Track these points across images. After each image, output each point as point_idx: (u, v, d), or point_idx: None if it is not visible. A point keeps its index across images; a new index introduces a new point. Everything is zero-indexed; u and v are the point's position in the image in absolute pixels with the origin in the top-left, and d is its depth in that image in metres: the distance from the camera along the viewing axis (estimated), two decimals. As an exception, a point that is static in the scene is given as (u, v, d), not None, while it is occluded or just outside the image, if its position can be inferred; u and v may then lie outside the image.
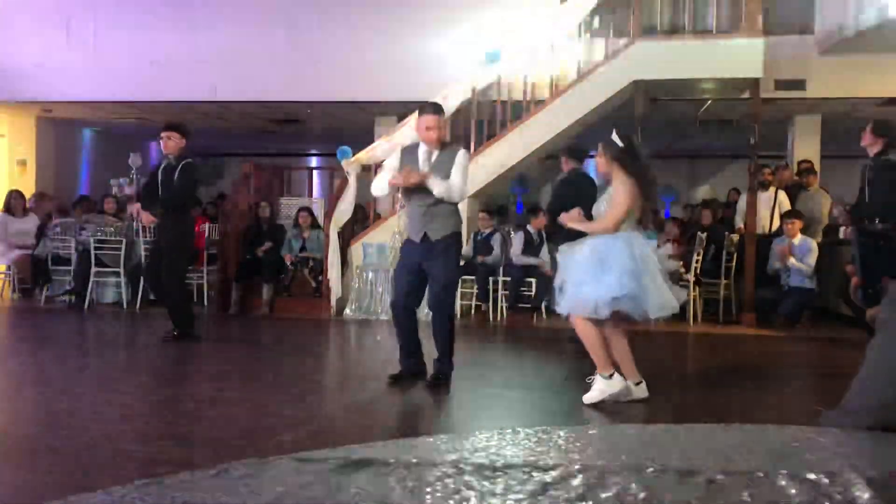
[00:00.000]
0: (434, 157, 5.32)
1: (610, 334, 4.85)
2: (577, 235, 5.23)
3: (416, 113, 5.45)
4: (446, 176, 5.28)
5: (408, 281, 5.41)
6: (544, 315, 9.18)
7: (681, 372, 6.78)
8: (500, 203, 13.35)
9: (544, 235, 9.36)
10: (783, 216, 9.37)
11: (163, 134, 7.27)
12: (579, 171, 7.53)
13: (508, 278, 9.40)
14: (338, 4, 10.70)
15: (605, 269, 4.70)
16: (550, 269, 8.15)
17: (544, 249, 9.27)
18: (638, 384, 4.89)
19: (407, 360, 5.49)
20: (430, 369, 5.51)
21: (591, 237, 4.89)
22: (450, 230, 5.36)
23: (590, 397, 4.79)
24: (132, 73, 10.88)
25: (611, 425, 4.32)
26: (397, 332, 5.51)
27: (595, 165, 5.10)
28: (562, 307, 4.92)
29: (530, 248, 9.58)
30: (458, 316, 9.29)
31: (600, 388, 4.80)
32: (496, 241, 9.69)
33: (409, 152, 5.45)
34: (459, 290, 9.52)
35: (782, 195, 9.88)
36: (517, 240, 9.65)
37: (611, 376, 4.80)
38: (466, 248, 9.24)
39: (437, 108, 5.37)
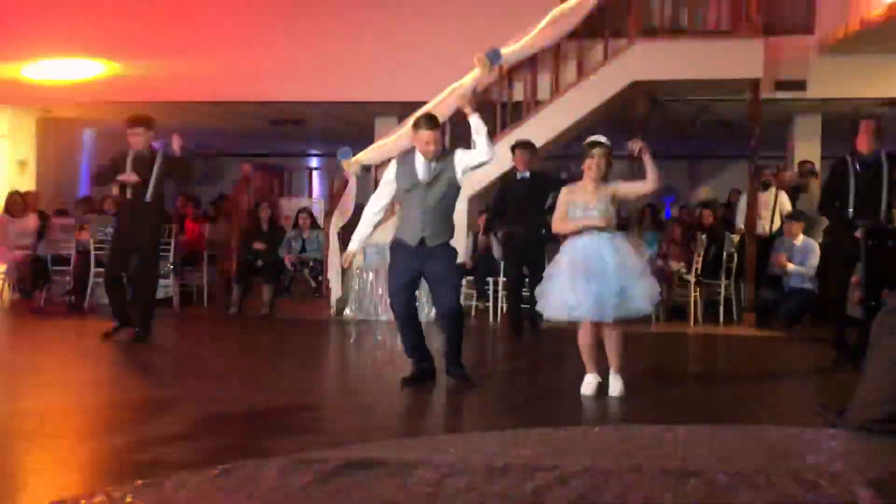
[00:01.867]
0: (433, 167, 5.34)
1: (606, 331, 5.07)
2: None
3: (412, 125, 5.46)
4: (447, 184, 5.36)
5: (408, 288, 5.40)
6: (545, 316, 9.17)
7: (681, 372, 6.77)
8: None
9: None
10: (785, 217, 9.37)
11: (131, 130, 7.03)
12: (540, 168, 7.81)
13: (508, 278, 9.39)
14: (338, 4, 10.70)
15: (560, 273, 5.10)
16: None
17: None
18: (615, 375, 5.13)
19: (421, 364, 5.47)
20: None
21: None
22: (446, 238, 5.40)
23: (619, 392, 5.08)
24: (132, 74, 10.87)
25: (611, 426, 4.32)
26: (406, 337, 5.46)
27: (592, 165, 5.16)
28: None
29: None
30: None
31: (622, 383, 5.13)
32: (495, 242, 9.68)
33: (405, 161, 5.44)
34: (461, 290, 9.53)
35: (783, 196, 9.88)
36: None
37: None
38: (465, 248, 9.25)
39: (432, 123, 5.35)
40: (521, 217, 7.81)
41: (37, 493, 3.02)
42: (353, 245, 5.59)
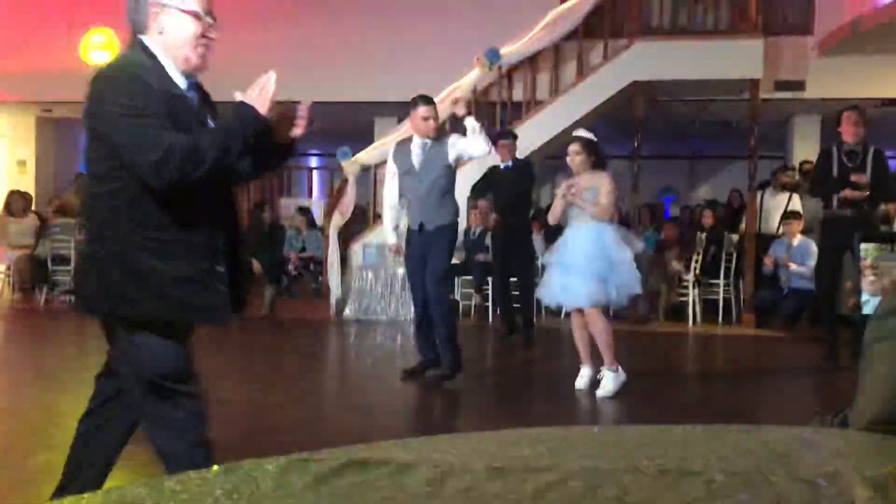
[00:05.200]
0: (429, 149, 5.42)
1: (589, 322, 5.18)
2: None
3: (411, 105, 5.59)
4: (440, 169, 5.43)
5: (416, 271, 5.50)
6: (543, 314, 9.18)
7: (681, 372, 6.78)
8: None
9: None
10: (783, 217, 9.36)
11: None
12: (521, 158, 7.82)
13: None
14: (338, 4, 10.70)
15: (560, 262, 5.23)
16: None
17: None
18: (615, 371, 5.19)
19: (427, 355, 5.55)
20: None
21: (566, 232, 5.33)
22: (445, 220, 5.45)
23: (604, 392, 5.09)
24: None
25: (610, 425, 4.33)
26: (422, 327, 5.54)
27: (569, 161, 5.30)
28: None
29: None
30: (458, 316, 9.29)
31: (613, 382, 5.11)
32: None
33: (402, 146, 5.61)
34: (459, 289, 9.53)
35: (795, 198, 9.80)
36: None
37: (617, 370, 5.13)
38: (460, 245, 9.25)
39: (428, 99, 5.56)
40: (505, 208, 7.70)
41: (37, 493, 3.02)
42: (391, 238, 5.73)
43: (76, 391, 5.19)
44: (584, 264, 5.05)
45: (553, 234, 8.23)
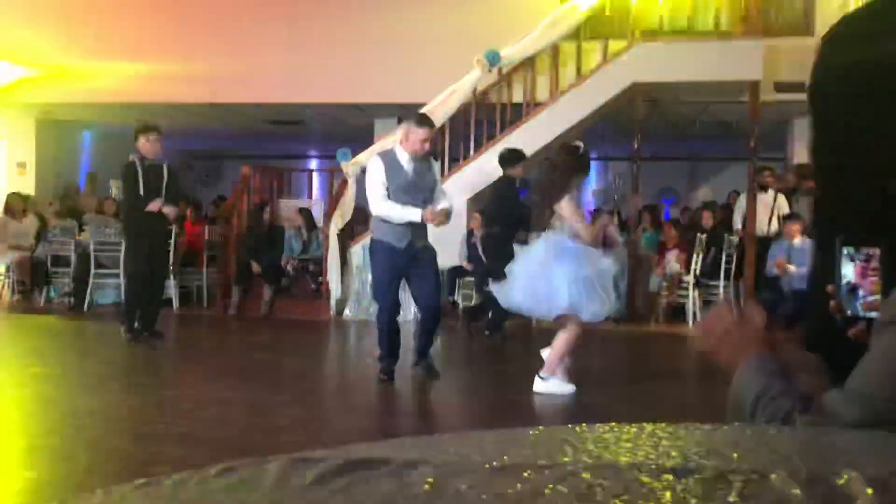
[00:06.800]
0: (413, 165, 5.46)
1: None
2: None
3: (410, 121, 5.52)
4: (432, 185, 5.54)
5: (395, 286, 5.55)
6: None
7: (680, 372, 6.78)
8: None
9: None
10: (783, 218, 9.37)
11: (156, 136, 7.09)
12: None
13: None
14: (338, 5, 10.70)
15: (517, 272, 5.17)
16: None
17: None
18: (545, 379, 5.17)
19: (393, 358, 5.56)
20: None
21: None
22: (428, 238, 5.56)
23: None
24: (132, 75, 10.88)
25: (610, 425, 4.33)
26: (391, 336, 5.54)
27: None
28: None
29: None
30: (459, 318, 9.30)
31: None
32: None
33: (392, 162, 5.51)
34: (461, 291, 9.53)
35: (781, 198, 9.88)
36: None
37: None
38: (460, 249, 9.30)
39: (431, 122, 5.63)
40: (496, 217, 7.75)
41: (37, 493, 3.02)
42: (415, 215, 5.39)
43: (75, 392, 5.19)
44: (533, 275, 5.12)
45: None
